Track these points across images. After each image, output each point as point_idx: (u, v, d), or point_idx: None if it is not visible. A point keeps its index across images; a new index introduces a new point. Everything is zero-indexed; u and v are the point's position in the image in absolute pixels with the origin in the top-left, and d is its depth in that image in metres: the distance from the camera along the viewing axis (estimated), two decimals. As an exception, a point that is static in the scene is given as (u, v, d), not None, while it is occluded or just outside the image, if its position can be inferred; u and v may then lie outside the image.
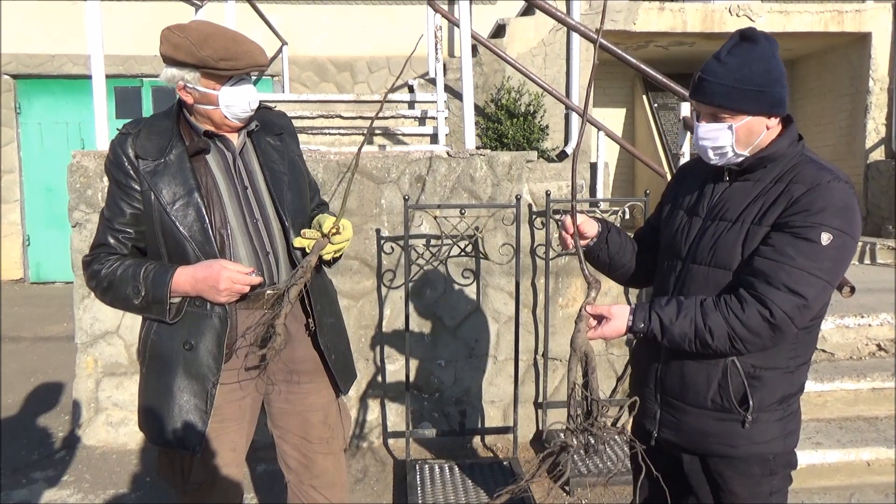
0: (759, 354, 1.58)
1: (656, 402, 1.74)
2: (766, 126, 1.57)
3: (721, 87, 1.54)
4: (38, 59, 7.86)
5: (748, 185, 1.61)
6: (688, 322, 1.52)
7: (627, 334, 1.61)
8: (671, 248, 1.74)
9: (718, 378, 1.60)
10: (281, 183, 1.89)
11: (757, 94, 1.53)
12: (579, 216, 1.77)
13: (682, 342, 1.53)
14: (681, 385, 1.66)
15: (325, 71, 7.87)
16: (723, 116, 1.56)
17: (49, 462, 3.45)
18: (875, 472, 3.20)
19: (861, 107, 7.36)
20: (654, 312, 1.57)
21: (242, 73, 1.77)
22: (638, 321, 1.57)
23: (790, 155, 1.59)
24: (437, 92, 4.56)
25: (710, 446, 1.65)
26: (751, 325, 1.47)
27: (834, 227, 1.46)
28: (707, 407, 1.63)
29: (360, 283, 3.64)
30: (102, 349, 3.55)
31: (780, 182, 1.56)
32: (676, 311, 1.54)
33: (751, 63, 1.53)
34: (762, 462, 1.64)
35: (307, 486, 2.02)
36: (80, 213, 3.44)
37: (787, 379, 1.62)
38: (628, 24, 6.75)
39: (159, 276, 1.74)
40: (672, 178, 1.91)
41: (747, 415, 1.58)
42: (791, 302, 1.45)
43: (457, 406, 3.72)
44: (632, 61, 4.09)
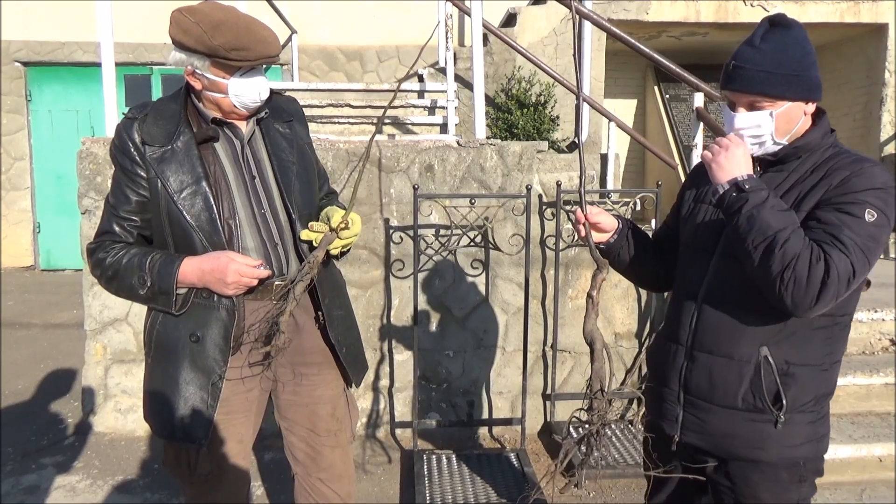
0: (792, 350, 1.52)
1: (678, 404, 1.65)
2: (803, 112, 1.52)
3: (759, 73, 1.48)
4: (48, 47, 7.87)
5: (781, 175, 1.56)
6: (781, 220, 1.40)
7: (724, 185, 1.47)
8: (696, 243, 1.66)
9: (751, 375, 1.53)
10: (289, 173, 1.86)
11: (795, 79, 1.48)
12: (598, 210, 1.72)
13: (758, 229, 1.41)
14: (709, 384, 1.58)
15: (334, 60, 7.84)
16: (761, 104, 1.50)
17: (58, 448, 3.47)
18: (887, 468, 3.17)
19: (876, 99, 7.26)
20: (766, 190, 1.45)
21: (254, 65, 1.73)
22: (747, 182, 1.45)
23: (824, 146, 1.55)
24: (447, 81, 4.52)
25: (738, 449, 1.57)
26: (812, 273, 1.37)
27: (876, 206, 1.42)
28: (737, 407, 1.55)
29: (369, 272, 3.63)
30: (111, 336, 3.56)
31: (818, 171, 1.51)
32: (783, 207, 1.44)
33: (787, 48, 1.49)
34: (791, 468, 1.57)
35: (314, 479, 2.01)
36: (90, 200, 3.44)
37: (821, 377, 1.56)
38: (641, 14, 6.68)
39: (165, 267, 1.72)
40: (688, 175, 1.83)
41: (780, 414, 1.51)
42: (845, 266, 1.37)
43: (464, 397, 3.71)
44: (645, 51, 4.04)
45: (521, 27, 6.31)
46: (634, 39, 4.09)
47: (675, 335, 1.67)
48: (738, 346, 1.55)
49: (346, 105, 4.87)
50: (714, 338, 1.58)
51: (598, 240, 1.77)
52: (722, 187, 1.48)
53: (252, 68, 1.74)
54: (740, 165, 1.48)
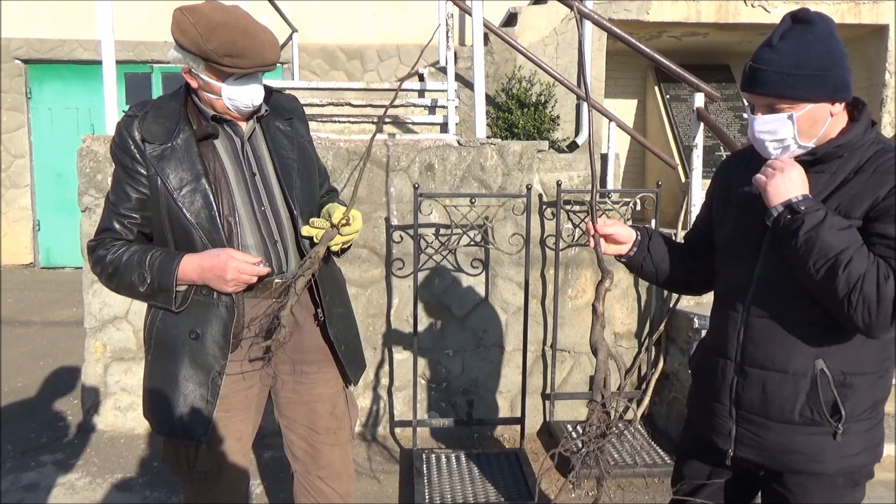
0: (849, 360, 1.47)
1: (731, 419, 1.59)
2: (829, 113, 1.43)
3: (776, 74, 1.41)
4: (48, 44, 7.87)
5: (823, 177, 1.47)
6: (843, 240, 1.34)
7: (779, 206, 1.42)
8: (735, 250, 1.60)
9: (807, 389, 1.48)
10: (290, 170, 1.86)
11: (817, 79, 1.40)
12: (611, 222, 1.69)
13: (819, 250, 1.35)
14: (762, 399, 1.52)
15: (334, 59, 7.84)
16: (780, 106, 1.43)
17: (58, 445, 3.47)
18: (885, 468, 3.17)
19: (877, 100, 7.26)
20: (823, 209, 1.38)
21: (247, 73, 1.70)
22: (803, 203, 1.38)
23: (867, 142, 1.47)
24: (447, 80, 4.52)
25: (796, 464, 1.52)
26: (883, 292, 1.32)
27: None
28: (795, 421, 1.50)
29: (369, 271, 3.63)
30: (111, 334, 3.56)
31: (863, 173, 1.43)
32: (843, 226, 1.36)
33: (807, 46, 1.40)
34: (847, 474, 1.53)
35: (314, 477, 2.01)
36: (90, 198, 3.44)
37: (878, 384, 1.51)
38: (641, 14, 6.68)
39: (165, 264, 1.72)
40: (717, 172, 1.75)
41: (839, 426, 1.46)
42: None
43: (464, 396, 3.71)
44: (645, 51, 4.04)
45: (522, 27, 6.31)
46: (635, 39, 4.09)
47: (723, 349, 1.60)
48: (792, 359, 1.49)
49: (347, 104, 4.87)
50: (765, 352, 1.52)
51: (616, 252, 1.73)
52: (776, 210, 1.42)
53: (245, 75, 1.71)
54: (796, 187, 1.41)
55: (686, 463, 1.77)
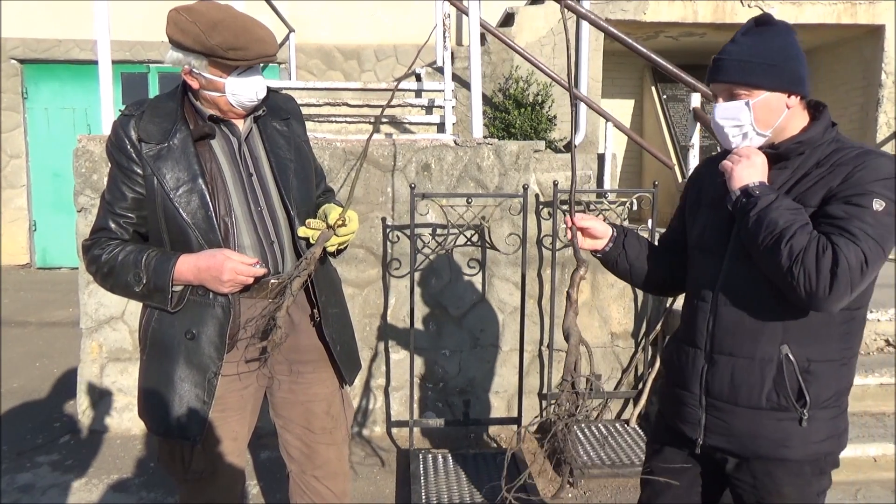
0: (813, 347, 1.53)
1: (700, 407, 1.64)
2: (785, 105, 1.53)
3: (735, 62, 1.52)
4: (45, 44, 7.85)
5: (785, 172, 1.56)
6: (789, 216, 1.44)
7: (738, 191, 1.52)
8: (705, 245, 1.66)
9: (773, 374, 1.54)
10: (287, 170, 1.86)
11: (772, 68, 1.50)
12: (588, 216, 1.75)
13: (767, 226, 1.44)
14: (731, 386, 1.58)
15: (332, 59, 7.83)
16: (739, 93, 1.53)
17: (54, 446, 3.46)
18: (881, 468, 3.18)
19: (873, 100, 7.28)
20: (775, 192, 1.49)
21: (251, 64, 1.73)
22: (758, 188, 1.49)
23: (826, 140, 1.55)
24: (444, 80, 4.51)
25: (763, 449, 1.57)
26: (821, 265, 1.39)
27: (884, 195, 1.42)
28: (762, 406, 1.55)
29: (366, 271, 3.63)
30: (107, 334, 3.55)
31: (822, 166, 1.52)
32: (790, 206, 1.46)
33: (765, 40, 1.52)
34: (814, 462, 1.59)
35: (309, 477, 2.01)
36: (86, 198, 3.43)
37: (841, 372, 1.57)
38: (638, 14, 6.69)
39: (161, 264, 1.72)
40: (690, 176, 1.84)
41: (804, 412, 1.52)
42: (855, 254, 1.38)
43: (461, 396, 3.71)
44: (642, 51, 4.05)
45: (519, 27, 6.31)
46: (632, 39, 4.09)
47: (694, 339, 1.66)
48: (759, 346, 1.55)
49: (344, 104, 4.86)
50: (733, 340, 1.58)
51: (592, 247, 1.79)
52: (734, 194, 1.52)
53: (249, 67, 1.74)
54: (755, 173, 1.51)
55: (657, 455, 1.80)
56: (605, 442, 3.41)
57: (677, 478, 1.74)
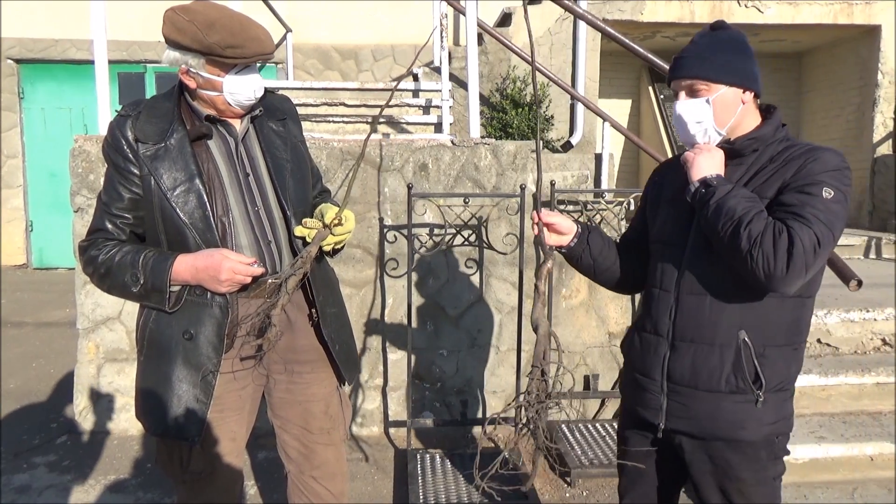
0: (767, 333, 1.62)
1: (662, 393, 1.72)
2: (741, 100, 1.64)
3: (693, 59, 1.64)
4: (41, 44, 7.84)
5: (741, 168, 1.67)
6: (745, 204, 1.54)
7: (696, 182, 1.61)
8: (667, 238, 1.75)
9: (732, 359, 1.63)
10: (283, 170, 1.86)
11: (728, 65, 1.62)
12: (554, 213, 1.83)
13: (725, 214, 1.54)
14: (692, 371, 1.67)
15: (329, 59, 7.83)
16: (699, 89, 1.63)
17: (50, 447, 3.46)
18: (878, 467, 3.19)
19: (869, 100, 7.30)
20: (731, 182, 1.60)
21: (249, 62, 1.74)
22: (715, 179, 1.60)
23: (778, 139, 1.67)
24: (441, 80, 4.52)
25: (721, 430, 1.66)
26: (778, 247, 1.49)
27: (832, 184, 1.54)
28: (721, 389, 1.64)
29: (363, 271, 3.62)
30: (104, 335, 3.55)
31: (775, 162, 1.63)
32: (746, 195, 1.57)
33: (721, 41, 1.65)
34: (769, 445, 1.68)
35: (307, 477, 2.01)
36: (83, 199, 3.42)
37: (793, 356, 1.67)
38: (635, 14, 6.70)
39: (159, 264, 1.71)
40: (650, 178, 1.93)
41: (760, 393, 1.62)
42: (808, 237, 1.48)
43: (458, 396, 3.71)
44: (639, 51, 4.05)
45: (517, 27, 6.32)
46: (629, 39, 4.09)
47: (655, 327, 1.74)
48: (718, 332, 1.64)
49: (341, 104, 4.86)
50: (694, 327, 1.66)
51: (557, 243, 1.85)
52: (693, 185, 1.62)
53: (247, 66, 1.74)
54: (714, 165, 1.62)
55: (626, 444, 1.89)
56: (603, 441, 3.42)
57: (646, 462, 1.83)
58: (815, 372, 3.48)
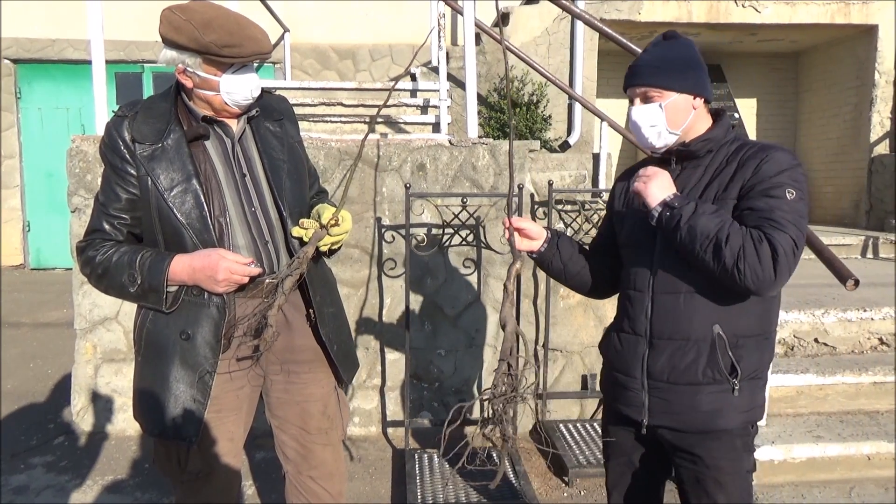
0: (739, 324, 1.69)
1: (643, 390, 1.78)
2: (692, 106, 1.72)
3: (646, 67, 1.72)
4: (38, 44, 7.82)
5: (699, 170, 1.74)
6: (717, 220, 1.58)
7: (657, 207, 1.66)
8: (636, 241, 1.81)
9: (708, 352, 1.69)
10: (280, 171, 1.86)
11: (678, 73, 1.70)
12: (524, 219, 1.91)
13: (700, 235, 1.58)
14: (670, 366, 1.73)
15: (326, 58, 7.82)
16: (652, 95, 1.71)
17: (48, 447, 3.45)
18: (875, 466, 3.19)
19: (866, 100, 7.31)
20: (693, 201, 1.64)
21: (246, 62, 1.74)
22: (676, 200, 1.64)
23: (729, 139, 1.75)
24: (439, 80, 4.52)
25: (702, 421, 1.72)
26: (761, 254, 1.54)
27: (792, 185, 1.61)
28: (699, 382, 1.70)
29: (361, 271, 3.62)
30: (101, 335, 3.54)
31: (731, 162, 1.70)
32: (713, 210, 1.61)
33: (672, 50, 1.73)
34: (744, 435, 1.75)
35: (305, 477, 2.01)
36: (80, 199, 3.42)
37: (764, 345, 1.74)
38: (633, 14, 6.70)
39: (156, 265, 1.71)
40: (614, 185, 1.98)
41: (736, 382, 1.68)
42: (786, 240, 1.55)
43: (456, 396, 3.71)
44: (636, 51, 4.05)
45: (514, 27, 6.32)
46: (627, 39, 4.10)
47: (633, 327, 1.80)
48: (693, 327, 1.70)
49: (339, 104, 4.86)
50: (670, 324, 1.72)
51: (528, 248, 1.92)
52: (656, 210, 1.66)
53: (244, 65, 1.74)
54: (667, 187, 1.68)
55: (611, 442, 1.95)
56: (601, 441, 3.42)
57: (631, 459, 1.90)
58: (813, 371, 3.49)
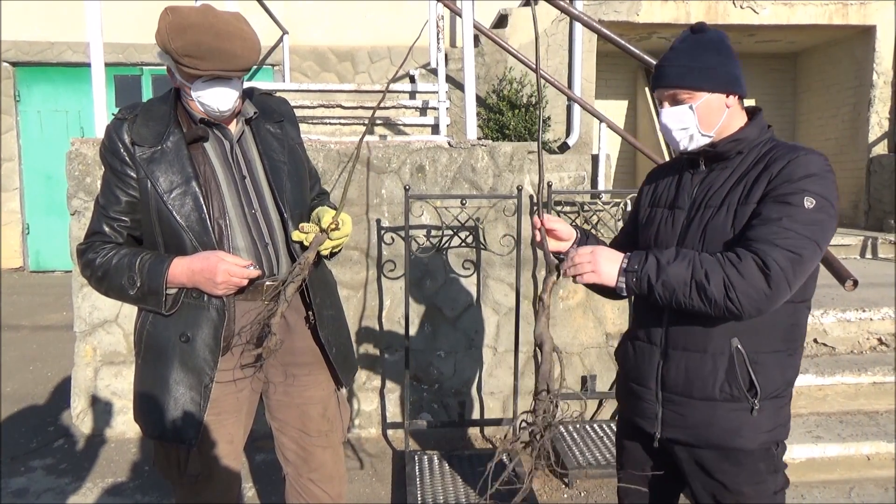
0: (760, 339, 1.59)
1: (657, 402, 1.70)
2: (725, 105, 1.62)
3: (676, 68, 1.61)
4: (37, 47, 7.82)
5: (727, 171, 1.64)
6: (686, 264, 1.50)
7: (620, 279, 1.56)
8: (657, 243, 1.72)
9: (725, 366, 1.60)
10: (280, 172, 1.85)
11: (710, 71, 1.59)
12: (555, 218, 1.77)
13: (677, 287, 1.50)
14: (686, 379, 1.64)
15: (325, 60, 7.83)
16: (682, 97, 1.61)
17: (48, 450, 3.45)
18: (875, 466, 3.20)
19: (864, 100, 7.32)
20: (650, 254, 1.55)
21: (203, 75, 1.66)
22: (633, 262, 1.55)
23: (762, 140, 1.64)
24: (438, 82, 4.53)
25: (718, 438, 1.63)
26: (747, 274, 1.46)
27: (816, 192, 1.49)
28: (716, 398, 1.61)
29: (360, 273, 3.63)
30: (101, 338, 3.54)
31: (759, 164, 1.59)
32: (675, 255, 1.53)
33: (700, 46, 1.62)
34: (767, 457, 1.64)
35: (305, 480, 2.01)
36: (79, 201, 3.42)
37: (788, 362, 1.63)
38: (631, 16, 6.71)
39: (155, 267, 1.71)
40: (643, 182, 1.90)
41: (755, 401, 1.59)
42: (785, 256, 1.45)
43: (456, 397, 3.72)
44: (635, 52, 4.06)
45: (513, 28, 6.33)
46: (625, 41, 4.10)
47: (648, 336, 1.72)
48: (711, 340, 1.61)
49: (338, 106, 4.87)
50: (686, 335, 1.64)
51: (556, 249, 1.77)
52: (621, 283, 1.56)
53: (216, 77, 1.68)
54: (612, 256, 1.57)
55: (624, 451, 1.88)
56: (601, 442, 3.42)
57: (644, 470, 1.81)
58: (812, 372, 3.49)
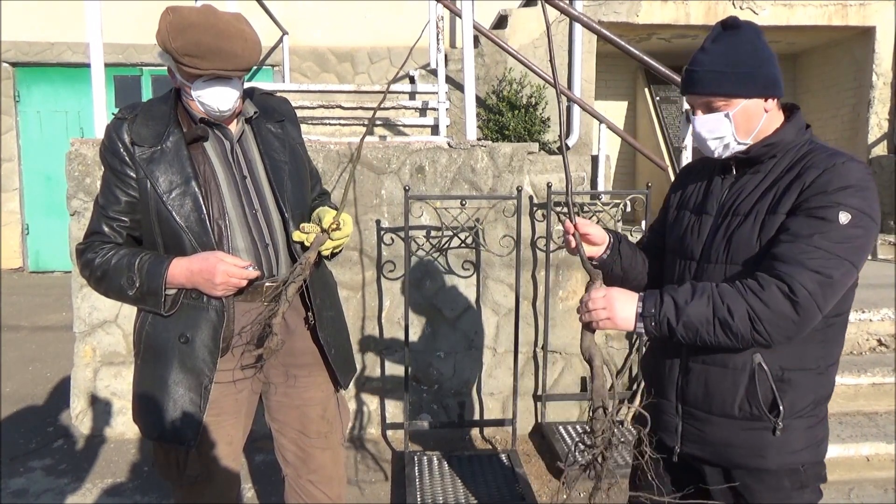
0: (787, 355, 1.49)
1: (677, 415, 1.62)
2: (763, 109, 1.50)
3: (710, 73, 1.48)
4: (37, 47, 7.82)
5: (758, 176, 1.52)
6: (705, 301, 1.40)
7: (637, 324, 1.46)
8: (681, 250, 1.64)
9: (745, 384, 1.50)
10: (281, 172, 1.85)
11: (747, 76, 1.47)
12: (588, 221, 1.67)
13: (700, 326, 1.40)
14: (705, 394, 1.56)
15: (325, 61, 7.83)
16: (717, 105, 1.49)
17: (47, 451, 3.45)
18: (874, 467, 3.19)
19: (864, 101, 7.32)
20: (666, 295, 1.44)
21: (204, 75, 1.67)
22: (649, 306, 1.44)
23: (799, 143, 1.52)
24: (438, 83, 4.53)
25: (739, 458, 1.54)
26: (772, 303, 1.35)
27: (852, 206, 1.37)
28: (735, 416, 1.52)
29: (360, 273, 3.62)
30: (101, 338, 3.54)
31: (793, 170, 1.47)
32: (692, 293, 1.42)
33: (736, 47, 1.48)
34: (793, 475, 1.54)
35: (305, 481, 2.00)
36: (79, 202, 3.42)
37: (818, 381, 1.53)
38: (631, 17, 6.71)
39: (154, 268, 1.71)
40: (674, 180, 1.79)
41: (778, 421, 1.48)
42: (813, 279, 1.34)
43: (456, 398, 3.72)
44: (634, 53, 4.06)
45: (513, 29, 6.32)
46: (625, 41, 4.11)
47: (671, 347, 1.62)
48: (731, 354, 1.52)
49: (338, 106, 4.87)
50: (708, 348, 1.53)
51: (590, 254, 1.68)
52: (640, 328, 1.46)
53: (216, 77, 1.68)
54: (626, 300, 1.47)
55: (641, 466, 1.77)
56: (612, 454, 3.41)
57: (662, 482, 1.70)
58: (812, 372, 3.49)
